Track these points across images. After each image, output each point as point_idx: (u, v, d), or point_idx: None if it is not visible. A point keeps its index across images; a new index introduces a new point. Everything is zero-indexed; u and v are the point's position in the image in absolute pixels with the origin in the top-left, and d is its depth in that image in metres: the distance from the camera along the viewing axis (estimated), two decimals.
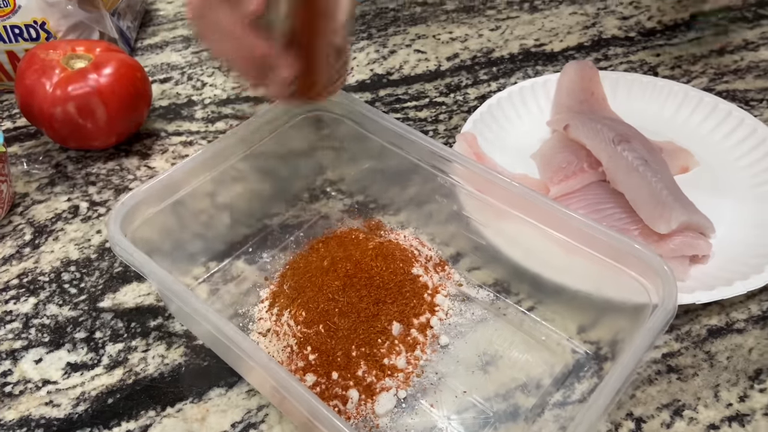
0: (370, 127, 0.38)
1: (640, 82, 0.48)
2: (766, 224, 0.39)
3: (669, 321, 0.28)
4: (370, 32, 0.58)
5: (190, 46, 0.57)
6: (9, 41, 0.48)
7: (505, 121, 0.47)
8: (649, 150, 0.42)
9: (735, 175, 0.43)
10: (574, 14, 0.58)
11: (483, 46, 0.55)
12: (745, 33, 0.55)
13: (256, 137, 0.38)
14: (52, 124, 0.44)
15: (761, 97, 0.49)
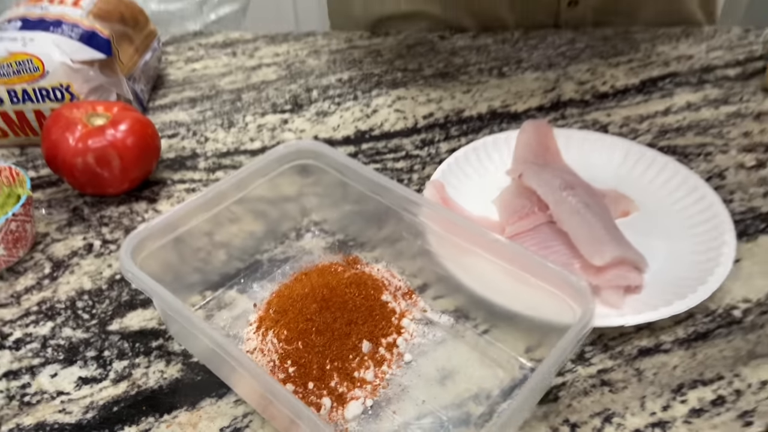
0: (351, 175, 0.45)
1: (591, 138, 0.55)
2: (695, 260, 0.44)
3: (582, 336, 0.33)
4: (356, 94, 0.65)
5: (195, 106, 0.64)
6: (37, 101, 0.55)
7: (471, 170, 0.53)
8: (591, 196, 0.48)
9: (670, 218, 0.49)
10: (537, 80, 0.65)
11: (455, 107, 0.62)
12: (689, 96, 0.62)
13: (249, 183, 0.44)
14: (73, 173, 0.50)
15: (698, 151, 0.55)
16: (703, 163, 0.54)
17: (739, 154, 0.55)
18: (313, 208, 0.49)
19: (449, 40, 0.72)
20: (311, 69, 0.69)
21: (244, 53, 0.72)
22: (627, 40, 0.71)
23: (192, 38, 0.75)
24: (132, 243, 0.38)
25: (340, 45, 0.73)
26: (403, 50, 0.71)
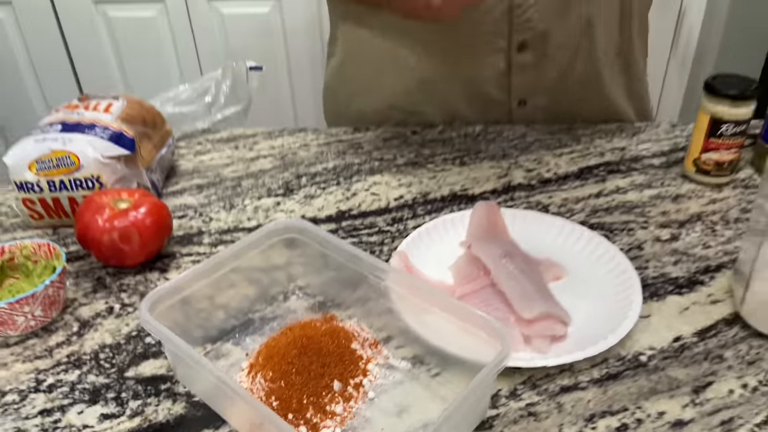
0: (330, 248, 0.55)
1: (532, 217, 0.66)
2: (609, 315, 0.54)
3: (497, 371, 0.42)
4: (339, 180, 0.76)
5: (202, 191, 0.76)
6: (72, 190, 0.66)
7: (432, 242, 0.63)
8: (527, 263, 0.58)
9: (593, 282, 0.58)
10: (492, 167, 0.77)
11: (422, 190, 0.73)
12: (618, 181, 0.74)
13: (244, 254, 0.55)
14: (100, 248, 0.60)
15: (623, 227, 0.66)
16: (626, 237, 0.65)
17: (656, 230, 0.66)
18: (298, 275, 0.59)
19: (420, 134, 0.85)
20: (302, 159, 0.81)
21: (244, 146, 0.85)
22: (570, 135, 0.83)
23: (201, 135, 0.88)
24: (148, 302, 0.48)
25: (327, 139, 0.85)
26: (380, 143, 0.83)
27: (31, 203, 0.67)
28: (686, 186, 0.72)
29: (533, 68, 0.80)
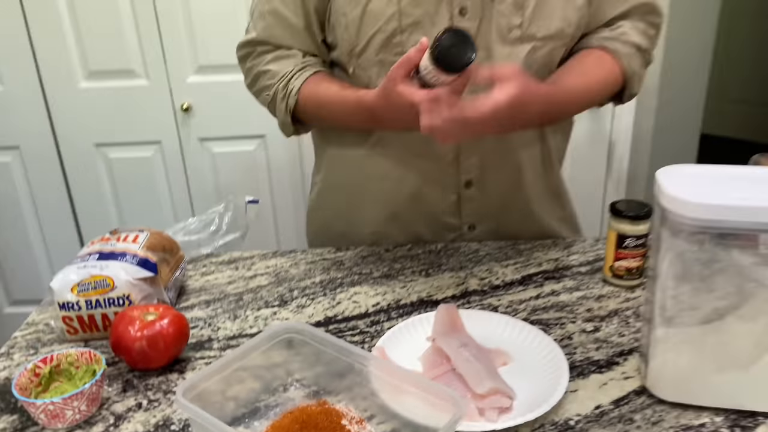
0: (322, 342, 0.69)
1: (485, 316, 0.81)
2: (543, 391, 0.68)
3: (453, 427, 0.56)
4: (325, 292, 0.91)
5: (210, 306, 0.90)
6: (105, 308, 0.80)
7: (404, 339, 0.78)
8: (480, 351, 0.73)
9: (532, 366, 0.73)
10: (452, 277, 0.94)
11: (395, 298, 0.89)
12: (553, 286, 0.91)
13: (249, 354, 0.68)
14: (131, 354, 0.74)
15: (556, 322, 0.82)
16: (559, 330, 0.80)
17: (582, 323, 0.82)
18: (295, 370, 0.73)
19: (391, 252, 1.02)
20: (293, 276, 0.97)
21: (243, 267, 1.00)
22: (514, 249, 1.01)
23: (205, 258, 1.03)
24: (181, 389, 0.61)
25: (314, 258, 1.02)
26: (358, 260, 1.00)
27: (69, 320, 0.80)
28: (606, 288, 0.90)
29: (478, 201, 0.99)
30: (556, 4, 0.87)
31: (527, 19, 0.86)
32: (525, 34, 0.87)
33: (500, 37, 0.87)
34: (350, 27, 0.87)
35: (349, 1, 0.86)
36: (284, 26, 0.93)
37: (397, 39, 0.86)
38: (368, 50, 0.88)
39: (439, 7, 0.85)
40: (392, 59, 0.83)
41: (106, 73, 1.87)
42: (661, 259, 0.66)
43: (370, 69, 0.89)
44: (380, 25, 0.86)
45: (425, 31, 0.85)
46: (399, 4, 0.84)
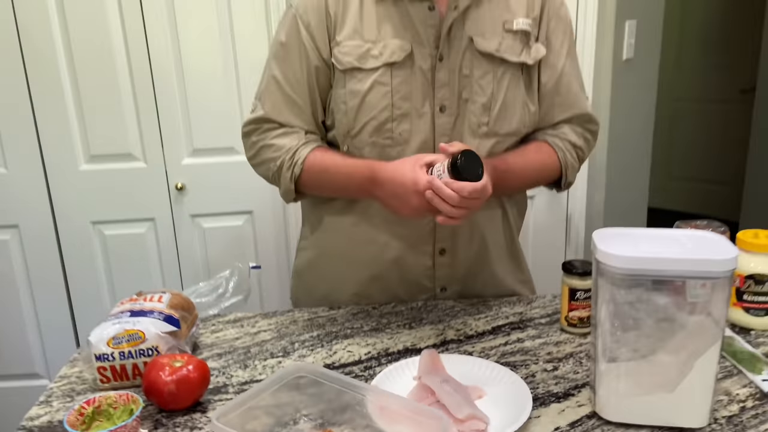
0: (329, 380, 0.83)
1: (462, 359, 0.96)
2: (510, 417, 0.82)
3: None
4: (322, 344, 1.05)
5: (222, 358, 1.03)
6: (136, 358, 0.92)
7: (394, 380, 0.92)
8: (458, 386, 0.87)
9: (503, 397, 0.87)
10: (432, 329, 1.08)
11: (384, 347, 1.03)
12: (518, 334, 1.06)
13: (263, 392, 0.81)
14: (162, 396, 0.86)
15: (522, 364, 0.97)
16: (524, 370, 0.95)
17: (544, 364, 0.97)
18: (304, 405, 0.86)
19: (378, 309, 1.17)
20: (293, 331, 1.10)
21: (248, 325, 1.13)
22: (485, 305, 1.17)
23: (213, 318, 1.16)
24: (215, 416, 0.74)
25: (310, 316, 1.16)
26: (350, 317, 1.14)
27: (103, 369, 0.92)
28: (563, 335, 1.05)
29: (449, 266, 1.16)
30: (515, 109, 1.08)
31: (493, 119, 1.07)
32: (491, 130, 1.08)
33: (471, 132, 1.07)
34: (349, 113, 1.06)
35: (350, 93, 1.05)
36: (292, 107, 1.11)
37: (388, 126, 1.05)
38: (362, 133, 1.07)
39: (424, 103, 1.05)
40: (382, 142, 1.03)
41: (106, 157, 2.03)
42: (600, 305, 0.82)
43: (363, 148, 1.08)
44: (374, 114, 1.05)
45: (411, 121, 1.05)
46: (391, 98, 1.04)
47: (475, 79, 1.06)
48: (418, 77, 1.05)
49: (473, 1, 1.05)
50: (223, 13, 1.94)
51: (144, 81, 1.96)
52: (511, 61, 1.07)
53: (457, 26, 1.05)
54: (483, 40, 1.05)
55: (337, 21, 1.06)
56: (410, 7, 1.04)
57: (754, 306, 1.04)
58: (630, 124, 2.25)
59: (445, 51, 1.05)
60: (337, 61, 1.06)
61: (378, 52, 1.04)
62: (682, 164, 4.13)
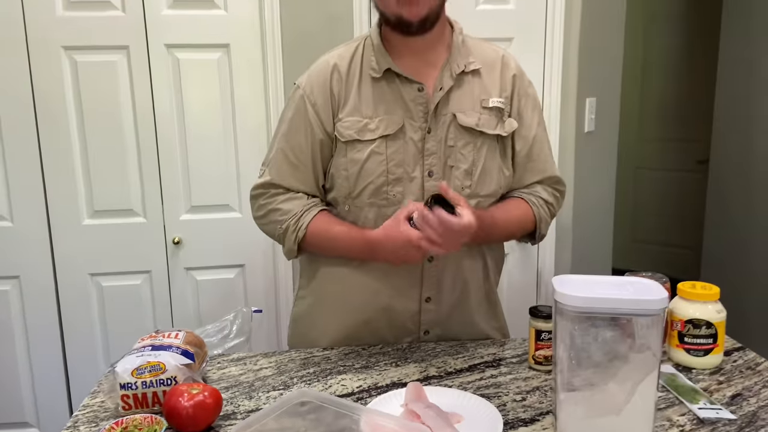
0: (330, 404, 0.96)
1: (443, 390, 1.10)
2: None
3: None
4: (318, 378, 1.18)
5: (228, 390, 1.15)
6: (156, 387, 1.04)
7: (383, 407, 1.05)
8: (440, 412, 1.00)
9: (479, 422, 1.01)
10: (416, 366, 1.22)
11: (374, 382, 1.16)
12: (492, 371, 1.20)
13: (268, 416, 0.94)
14: (181, 419, 0.98)
15: (495, 395, 1.11)
16: (497, 400, 1.09)
17: (514, 396, 1.11)
18: (305, 428, 0.98)
19: (367, 350, 1.30)
20: (291, 368, 1.23)
21: (250, 363, 1.26)
22: (463, 347, 1.31)
23: (218, 357, 1.29)
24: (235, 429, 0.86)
25: (306, 355, 1.29)
26: (342, 356, 1.28)
27: (126, 398, 1.04)
28: (531, 372, 1.20)
29: (434, 312, 1.31)
30: (493, 174, 1.27)
31: (474, 183, 1.26)
32: (473, 192, 1.26)
33: None
34: (349, 179, 1.24)
35: (350, 161, 1.23)
36: (296, 175, 1.28)
37: (384, 189, 1.23)
38: (362, 196, 1.24)
39: (415, 169, 1.23)
40: (380, 203, 1.21)
41: (109, 212, 2.17)
42: (559, 342, 0.98)
43: (363, 209, 1.25)
44: (372, 179, 1.23)
45: (404, 185, 1.23)
46: (387, 165, 1.22)
47: (458, 148, 1.25)
48: (410, 147, 1.23)
49: (455, 83, 1.25)
50: (225, 83, 2.13)
51: (149, 142, 2.13)
52: (489, 133, 1.26)
53: (443, 104, 1.24)
54: (464, 116, 1.25)
55: (340, 100, 1.25)
56: (402, 89, 1.24)
57: (694, 347, 1.20)
58: (593, 189, 2.46)
59: (432, 125, 1.24)
60: (339, 134, 1.24)
61: (375, 126, 1.22)
62: (645, 228, 4.39)
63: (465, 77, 1.26)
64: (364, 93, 1.24)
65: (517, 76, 1.31)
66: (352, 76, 1.25)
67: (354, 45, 1.28)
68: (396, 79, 1.24)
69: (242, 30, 2.10)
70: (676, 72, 4.12)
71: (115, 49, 2.06)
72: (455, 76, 1.24)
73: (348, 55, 1.27)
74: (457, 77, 1.25)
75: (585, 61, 2.22)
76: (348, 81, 1.25)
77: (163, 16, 2.06)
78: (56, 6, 2.02)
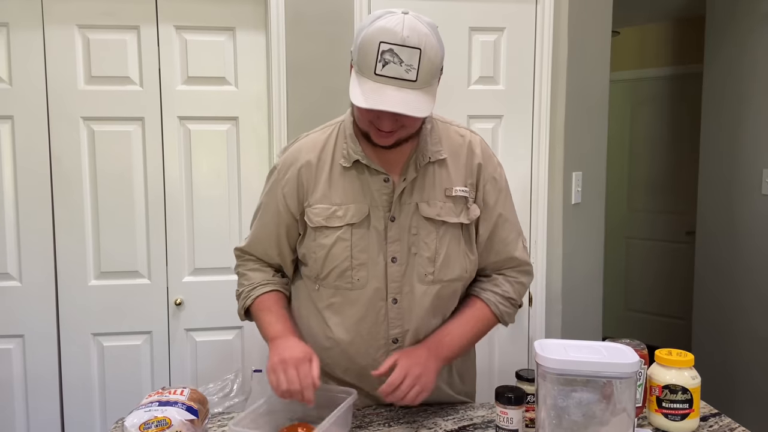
0: None
1: None
2: None
3: None
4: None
5: None
6: None
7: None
8: None
9: None
10: (407, 427, 1.28)
11: None
12: (473, 414, 1.26)
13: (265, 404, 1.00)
14: None
15: None
16: None
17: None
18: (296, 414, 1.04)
19: (362, 410, 1.36)
20: None
21: None
22: (453, 408, 1.37)
23: (219, 415, 1.34)
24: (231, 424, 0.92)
25: None
26: None
27: None
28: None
29: None
30: (456, 259, 1.32)
31: (437, 269, 1.31)
32: (436, 278, 1.31)
33: (419, 279, 1.31)
34: (317, 261, 1.32)
35: (318, 246, 1.31)
36: (264, 250, 1.40)
37: (348, 273, 1.29)
38: (329, 278, 1.32)
39: (378, 255, 1.30)
40: (344, 285, 1.30)
41: (115, 273, 2.24)
42: (541, 401, 1.05)
43: (329, 289, 1.32)
44: (337, 263, 1.30)
45: (368, 269, 1.28)
46: (351, 251, 1.29)
47: (421, 237, 1.29)
48: (374, 234, 1.28)
49: (420, 173, 1.29)
50: (232, 153, 2.27)
51: (157, 207, 2.24)
52: (450, 222, 1.30)
53: (407, 193, 1.29)
54: (427, 207, 1.29)
55: (309, 189, 1.31)
56: (370, 179, 1.29)
57: (672, 412, 1.26)
58: (582, 259, 2.56)
59: (396, 213, 1.28)
60: (309, 220, 1.31)
61: (342, 213, 1.28)
62: (638, 297, 4.46)
63: (430, 167, 1.30)
64: (334, 181, 1.30)
65: (483, 164, 1.34)
66: (323, 164, 1.31)
67: (328, 131, 1.35)
68: (365, 169, 1.28)
69: (251, 104, 2.25)
70: (662, 148, 4.31)
71: (132, 121, 2.20)
72: (420, 167, 1.29)
73: (321, 142, 1.33)
74: (423, 167, 1.29)
75: (571, 138, 2.36)
76: (318, 169, 1.31)
77: (177, 91, 2.21)
78: (78, 80, 2.17)
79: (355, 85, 1.16)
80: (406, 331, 1.32)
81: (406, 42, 1.11)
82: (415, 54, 1.11)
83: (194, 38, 2.21)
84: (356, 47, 1.17)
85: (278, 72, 2.19)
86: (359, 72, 1.16)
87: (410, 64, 1.11)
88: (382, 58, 1.11)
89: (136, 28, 2.17)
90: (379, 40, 1.11)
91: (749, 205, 2.94)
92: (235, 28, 2.22)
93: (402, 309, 1.31)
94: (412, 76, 1.12)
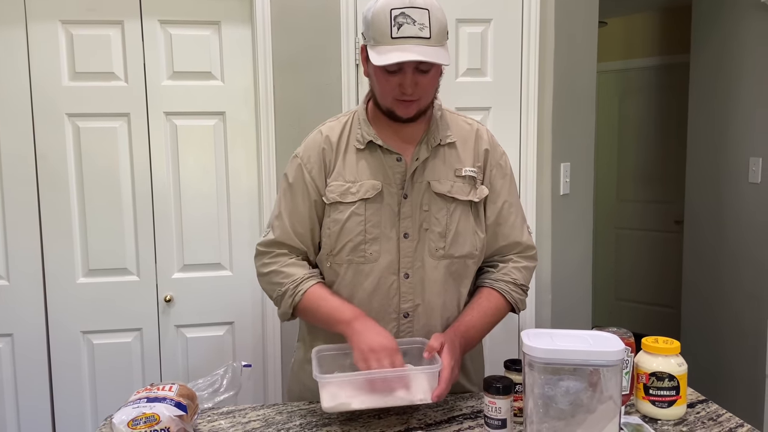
0: None
1: None
2: None
3: None
4: (305, 430, 1.24)
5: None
6: None
7: None
8: None
9: None
10: (398, 419, 1.29)
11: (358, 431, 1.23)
12: (470, 423, 1.27)
13: None
14: None
15: None
16: None
17: None
18: None
19: None
20: (278, 420, 1.29)
21: (239, 416, 1.32)
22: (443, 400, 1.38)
23: (209, 410, 1.34)
24: None
25: (292, 409, 1.34)
26: None
27: None
28: None
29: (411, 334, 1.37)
30: (466, 236, 1.37)
31: (448, 244, 1.36)
32: (446, 253, 1.36)
33: (430, 254, 1.35)
34: (332, 237, 1.35)
35: (332, 221, 1.34)
36: (296, 234, 1.38)
37: (362, 247, 1.33)
38: (342, 253, 1.34)
39: (391, 230, 1.34)
40: (357, 260, 1.32)
41: (103, 271, 2.23)
42: (528, 390, 1.06)
43: (342, 265, 1.35)
44: (351, 237, 1.33)
45: (381, 244, 1.33)
46: (365, 225, 1.33)
47: (432, 213, 1.35)
48: (387, 210, 1.34)
49: (431, 154, 1.37)
50: (220, 148, 2.25)
51: (145, 203, 2.23)
52: (461, 199, 1.37)
53: (419, 172, 1.36)
54: (438, 184, 1.36)
55: (330, 167, 1.37)
56: (383, 157, 1.36)
57: (659, 399, 1.28)
58: (571, 249, 2.57)
59: (408, 191, 1.35)
60: (326, 197, 1.36)
61: (356, 190, 1.34)
62: (627, 287, 4.49)
63: (441, 149, 1.38)
64: (349, 161, 1.36)
65: (489, 149, 1.42)
66: (340, 146, 1.38)
67: (344, 119, 1.42)
68: (378, 149, 1.36)
69: (237, 99, 2.24)
70: (650, 138, 4.33)
71: (117, 116, 2.18)
72: (432, 148, 1.37)
73: (338, 128, 1.40)
74: (434, 149, 1.37)
75: (558, 129, 2.37)
76: (336, 150, 1.38)
77: (163, 86, 2.20)
78: (62, 76, 2.15)
79: (375, 54, 1.23)
80: (417, 306, 1.37)
81: (414, 3, 1.21)
82: (424, 14, 1.21)
83: (179, 33, 2.19)
84: (368, 23, 1.26)
85: (264, 66, 2.18)
86: (376, 43, 1.24)
87: (422, 23, 1.21)
88: (396, 22, 1.21)
89: (120, 23, 2.15)
90: (389, 7, 1.21)
91: (737, 194, 2.96)
92: (220, 22, 2.21)
93: (414, 283, 1.36)
94: (426, 34, 1.21)
